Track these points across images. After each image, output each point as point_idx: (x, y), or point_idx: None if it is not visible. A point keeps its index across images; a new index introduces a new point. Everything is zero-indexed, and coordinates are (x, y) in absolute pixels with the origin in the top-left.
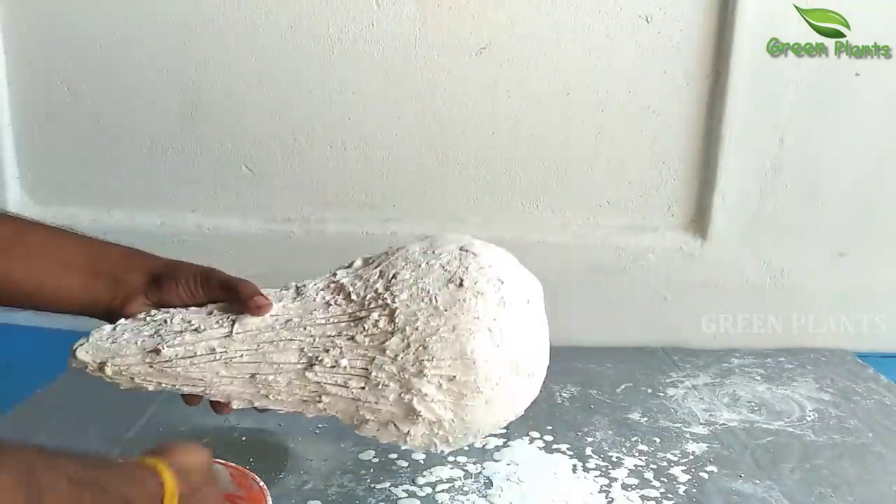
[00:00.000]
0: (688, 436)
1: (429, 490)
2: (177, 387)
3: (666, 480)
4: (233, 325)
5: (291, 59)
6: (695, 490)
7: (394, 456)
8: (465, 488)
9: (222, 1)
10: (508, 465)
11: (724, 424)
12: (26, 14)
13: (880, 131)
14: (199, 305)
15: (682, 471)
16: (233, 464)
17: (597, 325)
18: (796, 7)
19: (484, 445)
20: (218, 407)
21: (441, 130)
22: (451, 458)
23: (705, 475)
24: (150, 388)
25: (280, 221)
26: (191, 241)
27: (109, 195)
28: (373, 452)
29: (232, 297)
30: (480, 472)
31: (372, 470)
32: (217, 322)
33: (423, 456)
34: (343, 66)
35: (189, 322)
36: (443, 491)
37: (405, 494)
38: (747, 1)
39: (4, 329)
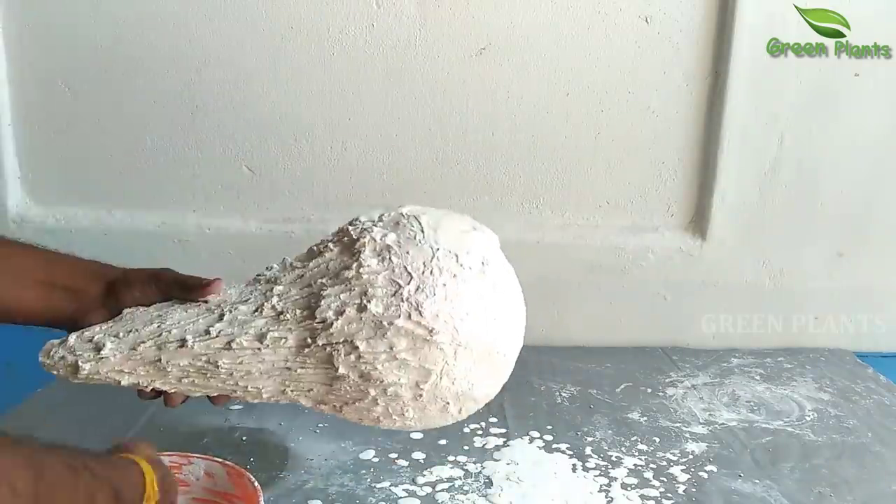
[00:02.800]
0: (687, 435)
1: (429, 489)
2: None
3: (665, 480)
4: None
5: (292, 60)
6: (694, 489)
7: (394, 455)
8: (465, 487)
9: (223, 1)
10: (508, 464)
11: (723, 424)
12: (27, 14)
13: (880, 131)
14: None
15: (682, 470)
16: (230, 462)
17: (596, 325)
18: (796, 7)
19: (484, 445)
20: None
21: (441, 130)
22: (451, 458)
23: (705, 475)
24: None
25: (280, 221)
26: (191, 242)
27: (110, 195)
28: (373, 452)
29: (184, 290)
30: (480, 472)
31: (372, 469)
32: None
33: (424, 455)
34: (343, 66)
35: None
36: (443, 490)
37: (405, 494)
38: (747, 1)
39: (4, 329)
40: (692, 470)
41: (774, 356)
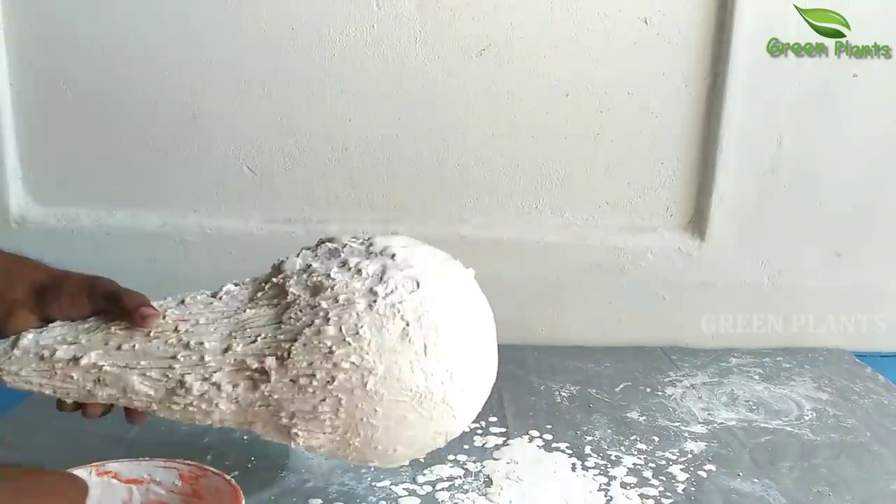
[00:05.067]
0: (686, 435)
1: (429, 488)
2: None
3: (665, 479)
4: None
5: (292, 61)
6: (693, 488)
7: None
8: (465, 486)
9: (224, 2)
10: (508, 463)
11: (722, 423)
12: (28, 15)
13: (879, 131)
14: (85, 318)
15: (681, 469)
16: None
17: (596, 324)
18: (796, 7)
19: (484, 444)
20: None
21: (441, 131)
22: (451, 457)
23: (704, 474)
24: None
25: (281, 222)
26: (192, 242)
27: (111, 196)
28: None
29: (117, 308)
30: (480, 471)
31: (372, 468)
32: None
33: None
34: (344, 67)
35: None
36: (443, 489)
37: (405, 493)
38: (746, 1)
39: None
40: (691, 469)
41: (773, 356)
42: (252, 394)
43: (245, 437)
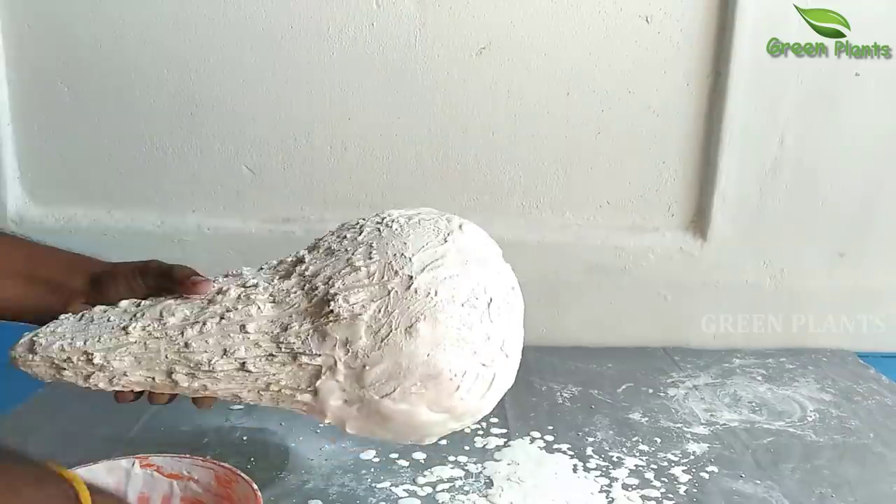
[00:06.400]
0: (689, 436)
1: (429, 490)
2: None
3: (667, 480)
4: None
5: (291, 60)
6: (695, 490)
7: (394, 456)
8: (466, 488)
9: (223, 1)
10: (509, 464)
11: (724, 424)
12: (26, 14)
13: (880, 131)
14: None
15: (683, 471)
16: (228, 465)
17: (597, 325)
18: (796, 7)
19: (485, 445)
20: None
21: (441, 130)
22: (451, 458)
23: (706, 475)
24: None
25: (280, 221)
26: (191, 242)
27: (110, 195)
28: (373, 452)
29: (169, 282)
30: (481, 472)
31: (372, 469)
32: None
33: (424, 455)
34: (343, 66)
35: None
36: (443, 490)
37: (405, 494)
38: (747, 1)
39: (4, 329)
40: (693, 470)
41: (776, 357)
42: (288, 281)
43: (245, 438)
